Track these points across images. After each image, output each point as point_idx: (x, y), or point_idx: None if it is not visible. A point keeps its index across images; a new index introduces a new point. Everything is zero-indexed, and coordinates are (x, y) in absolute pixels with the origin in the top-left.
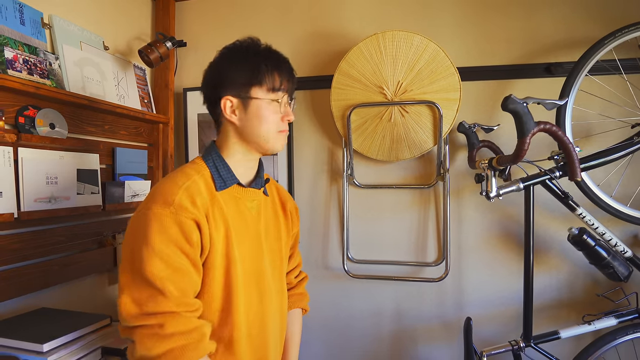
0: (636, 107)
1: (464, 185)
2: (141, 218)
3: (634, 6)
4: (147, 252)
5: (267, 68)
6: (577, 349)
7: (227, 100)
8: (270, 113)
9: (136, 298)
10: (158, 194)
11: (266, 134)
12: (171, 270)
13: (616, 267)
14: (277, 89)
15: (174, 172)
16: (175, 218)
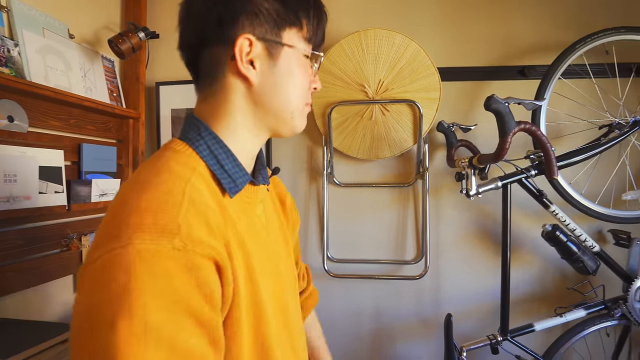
0: (603, 109)
1: (443, 184)
2: (114, 263)
3: (601, 14)
4: (130, 334)
5: (308, 5)
6: (549, 340)
7: (246, 40)
8: (304, 72)
9: None
10: (140, 212)
11: (295, 103)
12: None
13: (586, 261)
14: (316, 42)
15: (149, 167)
16: (184, 260)
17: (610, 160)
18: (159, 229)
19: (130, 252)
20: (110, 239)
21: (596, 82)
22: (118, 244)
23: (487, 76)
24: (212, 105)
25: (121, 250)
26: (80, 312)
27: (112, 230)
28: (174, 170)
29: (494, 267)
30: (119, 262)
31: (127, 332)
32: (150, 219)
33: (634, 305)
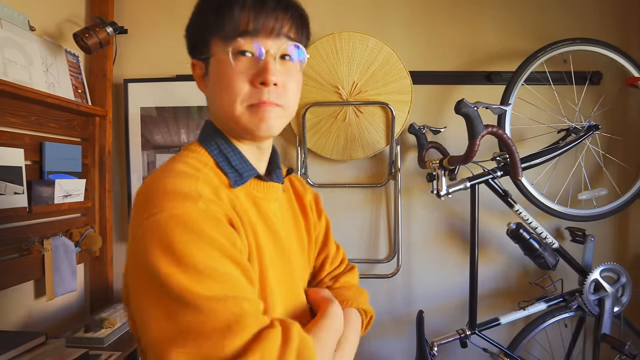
0: (561, 114)
1: (414, 185)
2: (153, 227)
3: (560, 25)
4: (188, 275)
5: (224, 3)
6: (513, 332)
7: (193, 67)
8: (233, 75)
9: (195, 345)
10: (165, 188)
11: (229, 109)
12: (231, 288)
13: (546, 257)
14: (241, 32)
15: (168, 163)
16: (207, 215)
17: (568, 163)
18: (184, 196)
19: (164, 215)
20: (142, 212)
21: (555, 89)
22: (153, 211)
23: (455, 80)
24: None
25: (158, 215)
26: (136, 272)
27: (142, 206)
28: (189, 162)
29: (462, 264)
30: (155, 224)
31: (185, 277)
32: (176, 190)
33: (589, 298)
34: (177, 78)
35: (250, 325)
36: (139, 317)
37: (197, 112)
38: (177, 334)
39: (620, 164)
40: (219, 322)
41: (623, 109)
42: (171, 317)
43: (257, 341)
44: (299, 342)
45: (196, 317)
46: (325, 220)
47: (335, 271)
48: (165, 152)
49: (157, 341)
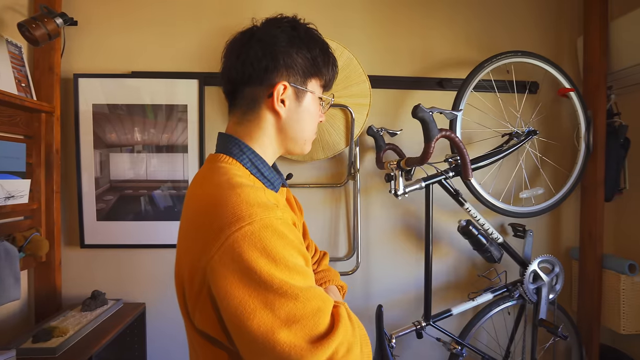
0: (505, 120)
1: (372, 185)
2: (249, 237)
3: (503, 38)
4: (284, 272)
5: (328, 63)
6: (463, 322)
7: (282, 86)
8: (317, 111)
9: (299, 327)
10: (246, 203)
11: (308, 134)
12: (311, 278)
13: (492, 251)
14: (328, 87)
15: (222, 177)
16: (285, 222)
17: (510, 164)
18: (265, 206)
19: (257, 225)
20: (230, 224)
21: (499, 96)
22: (243, 223)
23: (411, 85)
24: (247, 128)
25: (248, 226)
26: (239, 281)
27: (226, 218)
28: (239, 174)
29: (418, 260)
30: (250, 233)
31: (279, 271)
32: (256, 202)
33: (528, 287)
34: (133, 75)
35: (330, 306)
36: (237, 314)
37: (152, 110)
38: (281, 321)
39: (554, 165)
40: (311, 306)
41: (557, 116)
42: (274, 309)
43: (337, 317)
44: (354, 316)
45: (295, 304)
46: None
47: (315, 257)
48: (118, 151)
49: (263, 331)
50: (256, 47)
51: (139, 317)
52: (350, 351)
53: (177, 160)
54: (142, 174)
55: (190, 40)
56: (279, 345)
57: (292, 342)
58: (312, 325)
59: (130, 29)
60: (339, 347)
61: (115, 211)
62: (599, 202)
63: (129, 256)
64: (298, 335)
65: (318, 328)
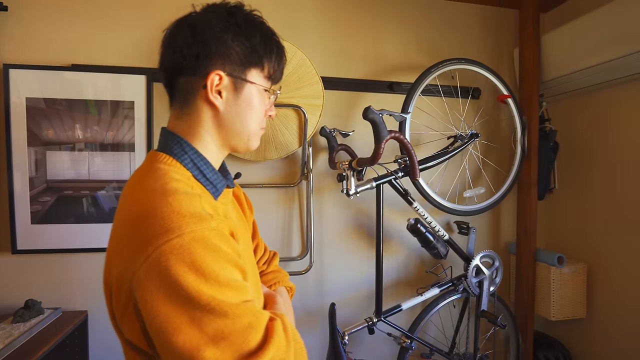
0: (450, 123)
1: (324, 184)
2: (177, 250)
3: (449, 45)
4: (214, 289)
5: (271, 50)
6: (413, 316)
7: (216, 76)
8: (261, 104)
9: (227, 344)
10: (177, 213)
11: (252, 129)
12: (245, 292)
13: (439, 248)
14: (274, 78)
15: (157, 181)
16: (219, 233)
17: (455, 165)
18: (198, 217)
19: (186, 239)
20: (158, 235)
21: (445, 101)
22: (172, 235)
23: (362, 88)
24: (187, 123)
25: (177, 239)
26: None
27: (154, 229)
28: (177, 179)
29: (369, 258)
30: (179, 246)
31: (211, 290)
32: (188, 212)
33: (471, 281)
34: (73, 68)
35: (263, 321)
36: (162, 330)
37: (96, 106)
38: (208, 338)
39: (494, 166)
40: (241, 322)
41: (497, 120)
42: (201, 326)
43: (270, 333)
44: (292, 330)
45: (224, 321)
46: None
47: (264, 257)
48: (57, 149)
49: (189, 348)
50: (187, 34)
51: (80, 326)
52: None
53: (123, 159)
54: (84, 173)
55: (138, 33)
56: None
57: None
58: (242, 342)
59: (71, 18)
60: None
61: (53, 213)
62: (533, 201)
63: (70, 261)
64: (226, 353)
65: (248, 345)
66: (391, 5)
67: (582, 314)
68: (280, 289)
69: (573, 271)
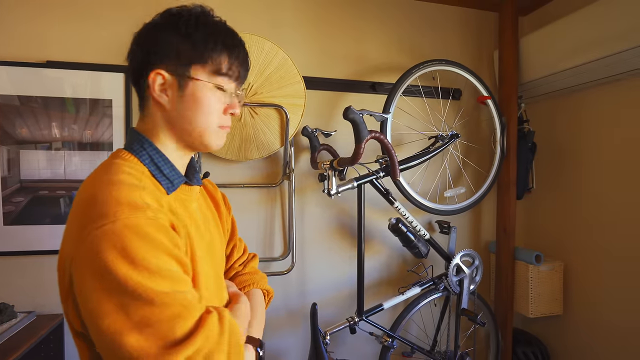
0: (431, 123)
1: (307, 184)
2: (109, 235)
3: (430, 46)
4: (143, 275)
5: (215, 46)
6: (394, 315)
7: (157, 75)
8: (212, 102)
9: (152, 331)
10: (115, 199)
11: (203, 127)
12: (178, 282)
13: (420, 247)
14: (224, 73)
15: (108, 173)
16: (154, 223)
17: (436, 165)
18: (135, 206)
19: (119, 225)
20: (93, 220)
21: (426, 101)
22: (106, 221)
23: (345, 88)
24: (146, 124)
25: (110, 224)
26: (89, 274)
27: (92, 214)
28: (128, 172)
29: (352, 257)
30: (111, 232)
31: (140, 276)
32: (125, 201)
33: (452, 279)
34: (49, 64)
35: (195, 312)
36: (91, 313)
37: (74, 104)
38: (132, 324)
39: (475, 167)
40: (169, 311)
41: (477, 121)
42: (128, 312)
43: (201, 324)
44: (230, 322)
45: (151, 309)
46: (232, 215)
47: (242, 258)
48: (33, 148)
49: (112, 332)
50: (143, 31)
51: (55, 330)
52: (208, 359)
53: (101, 159)
54: (60, 173)
55: (117, 30)
56: (127, 347)
57: (141, 346)
58: (167, 331)
59: (46, 13)
60: (195, 355)
61: (27, 214)
62: (512, 200)
63: (46, 263)
64: (150, 340)
65: (174, 334)
66: (373, 5)
67: (558, 311)
68: (253, 292)
69: (550, 269)
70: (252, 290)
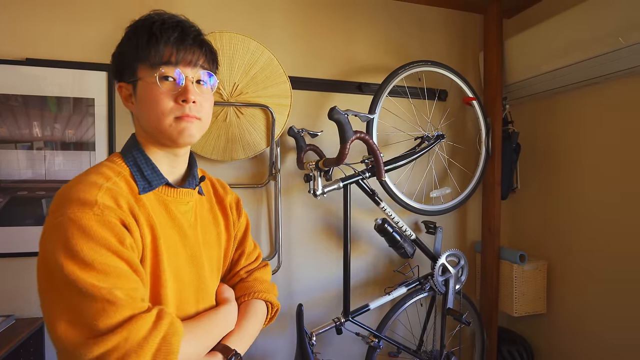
0: (417, 124)
1: (293, 185)
2: (56, 228)
3: (418, 47)
4: (77, 266)
5: (149, 38)
6: (381, 316)
7: (120, 88)
8: (159, 94)
9: (78, 320)
10: (70, 196)
11: (157, 122)
12: (114, 278)
13: (406, 247)
14: (165, 62)
15: (86, 172)
16: (100, 219)
17: (422, 166)
18: (83, 202)
19: (64, 219)
20: (50, 213)
21: (412, 102)
22: (58, 214)
23: (331, 88)
24: (136, 130)
25: (61, 218)
26: (42, 254)
27: (58, 206)
28: (102, 172)
29: (338, 258)
30: (58, 224)
31: (74, 265)
32: (77, 199)
33: (438, 279)
34: (28, 62)
35: (122, 310)
36: (39, 294)
37: (56, 102)
38: (64, 311)
39: (460, 167)
40: (95, 304)
41: (462, 122)
42: (62, 298)
43: (128, 323)
44: (167, 328)
45: (80, 298)
46: (246, 220)
47: (250, 266)
48: (13, 147)
49: (50, 315)
50: None
51: (35, 334)
52: (125, 359)
53: (83, 159)
54: (41, 173)
55: (100, 27)
56: (57, 332)
57: (67, 333)
58: (90, 322)
59: (25, 9)
60: (112, 351)
61: (5, 215)
62: (497, 200)
63: (26, 266)
64: (75, 329)
65: (97, 327)
66: (361, 6)
67: (542, 310)
68: (252, 302)
69: (534, 268)
70: (251, 300)
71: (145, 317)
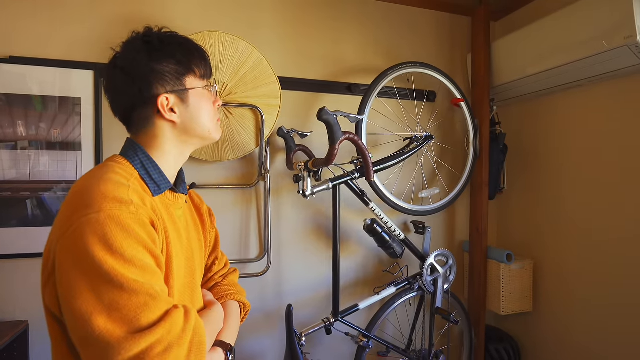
0: (406, 125)
1: (282, 185)
2: (91, 224)
3: (408, 48)
4: (118, 262)
5: (194, 55)
6: (370, 315)
7: (164, 99)
8: (208, 101)
9: (119, 316)
10: (104, 193)
11: (209, 124)
12: (149, 275)
13: (395, 247)
14: (206, 75)
15: (100, 172)
16: (137, 218)
17: (411, 166)
18: (119, 200)
19: (102, 215)
20: (80, 209)
21: (401, 103)
22: (91, 211)
23: (321, 89)
24: (145, 137)
25: (95, 214)
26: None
27: (80, 205)
28: (118, 172)
29: (328, 258)
30: (95, 220)
31: (114, 260)
32: (112, 195)
33: (426, 279)
34: (12, 60)
35: (161, 304)
36: (67, 292)
37: (41, 101)
38: (103, 307)
39: (449, 168)
40: (137, 299)
41: (451, 123)
42: (100, 294)
43: (166, 317)
44: (195, 321)
45: (120, 294)
46: (216, 228)
47: (222, 271)
48: None
49: (84, 312)
50: (122, 76)
51: (19, 338)
52: (168, 351)
53: (69, 159)
54: (25, 173)
55: (86, 26)
56: (94, 328)
57: (107, 328)
58: (133, 317)
59: (8, 5)
60: (155, 344)
61: None
62: (485, 201)
63: (9, 268)
64: (116, 323)
65: (139, 321)
66: (351, 7)
67: (529, 308)
68: (229, 303)
69: (521, 267)
70: (228, 302)
71: (178, 311)
